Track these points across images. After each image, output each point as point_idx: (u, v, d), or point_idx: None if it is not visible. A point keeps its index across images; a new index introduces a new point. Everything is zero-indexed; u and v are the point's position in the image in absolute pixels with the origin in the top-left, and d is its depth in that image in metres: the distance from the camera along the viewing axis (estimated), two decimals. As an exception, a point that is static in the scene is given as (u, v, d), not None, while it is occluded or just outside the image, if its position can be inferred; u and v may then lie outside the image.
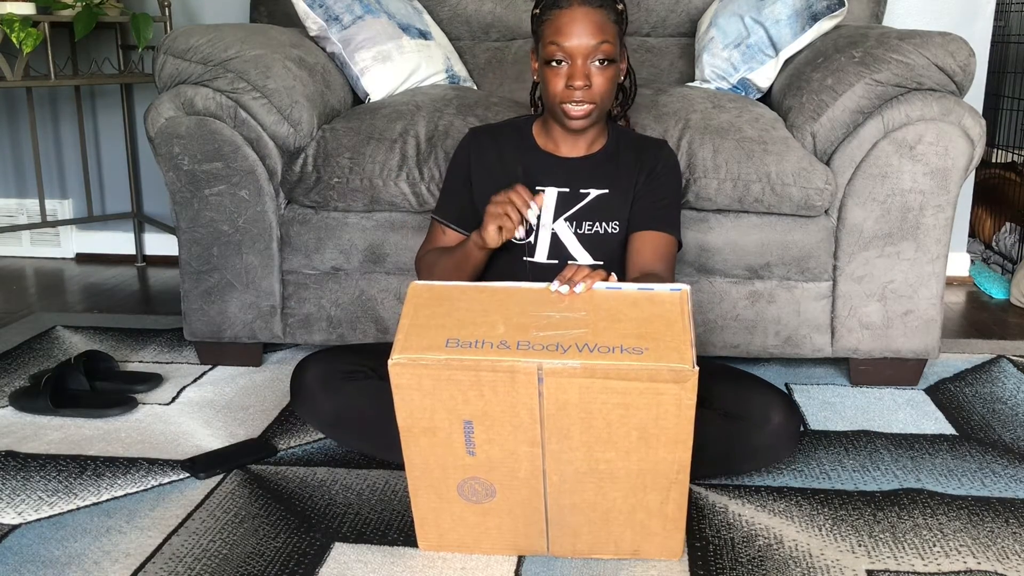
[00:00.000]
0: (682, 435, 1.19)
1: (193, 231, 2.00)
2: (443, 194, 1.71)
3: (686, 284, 1.27)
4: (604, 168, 1.63)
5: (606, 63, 1.51)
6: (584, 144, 1.63)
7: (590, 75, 1.50)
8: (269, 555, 1.35)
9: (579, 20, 1.48)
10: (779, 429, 1.50)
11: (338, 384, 1.57)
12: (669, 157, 1.67)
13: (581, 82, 1.49)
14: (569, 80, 1.50)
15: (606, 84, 1.52)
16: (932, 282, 1.91)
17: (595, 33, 1.49)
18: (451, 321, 1.21)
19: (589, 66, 1.50)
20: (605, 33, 1.50)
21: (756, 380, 1.57)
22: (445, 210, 1.69)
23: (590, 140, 1.63)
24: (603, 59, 1.50)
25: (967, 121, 1.84)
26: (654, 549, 1.32)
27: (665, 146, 1.68)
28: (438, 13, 2.46)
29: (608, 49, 1.50)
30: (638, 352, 1.15)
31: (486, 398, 1.18)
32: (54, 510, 1.48)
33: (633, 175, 1.63)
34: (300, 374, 1.60)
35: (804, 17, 2.07)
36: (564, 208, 1.61)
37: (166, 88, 1.99)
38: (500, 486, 1.28)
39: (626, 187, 1.62)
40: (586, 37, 1.48)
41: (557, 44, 1.49)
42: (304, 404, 1.60)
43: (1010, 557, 1.35)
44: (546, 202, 1.61)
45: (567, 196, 1.61)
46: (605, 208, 1.61)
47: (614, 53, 1.51)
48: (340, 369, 1.58)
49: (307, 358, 1.61)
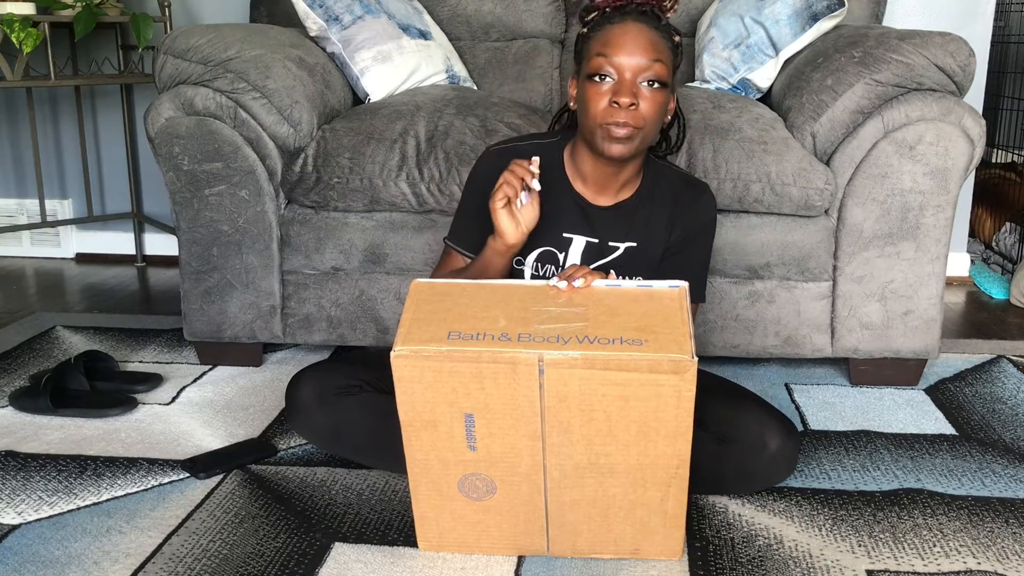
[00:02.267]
0: (681, 428, 1.20)
1: (193, 231, 2.01)
2: (458, 218, 1.56)
3: (684, 281, 1.28)
4: (637, 218, 1.50)
5: (657, 85, 1.36)
6: (616, 185, 1.48)
7: (638, 94, 1.35)
8: (269, 555, 1.35)
9: (632, 34, 1.36)
10: (776, 455, 1.46)
11: (333, 400, 1.54)
12: (708, 210, 1.53)
13: (628, 99, 1.33)
14: (615, 96, 1.35)
15: (654, 110, 1.37)
16: (932, 282, 1.91)
17: (648, 50, 1.35)
18: (453, 315, 1.22)
19: (638, 85, 1.36)
20: (659, 52, 1.36)
21: (753, 400, 1.52)
22: (460, 236, 1.55)
23: (623, 181, 1.48)
24: (654, 80, 1.36)
25: (967, 121, 1.84)
26: (654, 548, 1.32)
27: (706, 192, 1.54)
28: (438, 13, 2.46)
29: (661, 70, 1.36)
30: (638, 344, 1.16)
31: (487, 390, 1.19)
32: (54, 510, 1.48)
33: (667, 227, 1.51)
34: (294, 390, 1.56)
35: (804, 17, 2.07)
36: (591, 260, 1.50)
37: (166, 88, 1.99)
38: (500, 482, 1.28)
39: (658, 240, 1.52)
40: (638, 52, 1.35)
41: (605, 56, 1.36)
42: (299, 421, 1.58)
43: (1010, 557, 1.35)
44: (572, 252, 1.50)
45: (595, 247, 1.51)
46: (632, 263, 1.51)
47: (667, 77, 1.37)
48: (334, 384, 1.55)
49: (299, 374, 1.58)
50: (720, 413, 1.47)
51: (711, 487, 1.51)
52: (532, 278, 1.52)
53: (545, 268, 1.52)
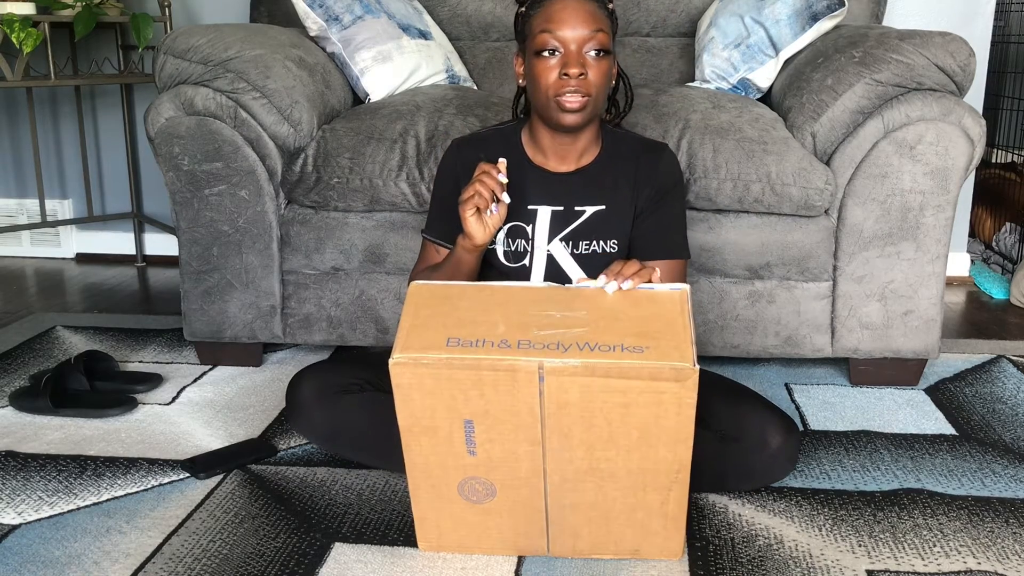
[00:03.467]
0: (683, 434, 1.19)
1: (193, 231, 2.00)
2: (432, 211, 1.62)
3: (685, 284, 1.28)
4: (599, 182, 1.54)
5: (602, 54, 1.42)
6: (575, 154, 1.53)
7: (585, 64, 1.41)
8: (269, 555, 1.35)
9: (572, 7, 1.41)
10: (777, 452, 1.47)
11: (333, 399, 1.55)
12: (671, 166, 1.57)
13: (577, 69, 1.39)
14: (564, 68, 1.40)
15: (601, 77, 1.43)
16: (932, 282, 1.91)
17: (589, 21, 1.41)
18: (452, 320, 1.21)
19: (584, 55, 1.41)
20: (599, 22, 1.42)
21: (754, 398, 1.53)
22: (435, 227, 1.60)
23: (581, 149, 1.53)
24: (599, 50, 1.42)
25: (967, 121, 1.84)
26: (654, 549, 1.32)
27: (665, 151, 1.57)
28: (438, 13, 2.46)
29: (604, 39, 1.42)
30: (639, 351, 1.15)
31: (487, 397, 1.18)
32: (54, 510, 1.48)
33: (632, 188, 1.54)
34: (294, 390, 1.58)
35: (804, 17, 2.07)
36: (559, 228, 1.53)
37: (166, 88, 1.99)
38: (501, 486, 1.28)
39: (625, 202, 1.54)
40: (580, 25, 1.41)
41: (550, 32, 1.41)
42: (299, 420, 1.59)
43: (1010, 557, 1.35)
44: (539, 222, 1.54)
45: (561, 215, 1.53)
46: (603, 226, 1.53)
47: (609, 44, 1.44)
48: (335, 383, 1.56)
49: (300, 373, 1.59)
50: (721, 411, 1.48)
51: (712, 484, 1.51)
52: (504, 254, 1.55)
53: (516, 243, 1.54)
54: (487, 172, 1.40)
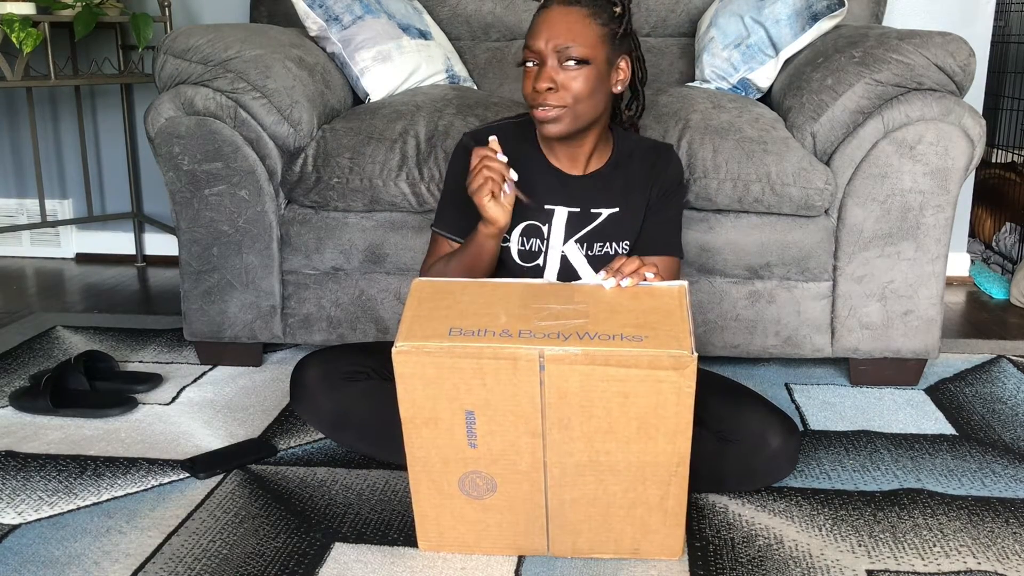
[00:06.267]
0: (681, 425, 1.20)
1: (193, 231, 2.01)
2: (443, 204, 1.61)
3: (684, 281, 1.29)
4: (614, 185, 1.55)
5: (579, 64, 1.40)
6: (583, 157, 1.53)
7: (556, 77, 1.40)
8: (269, 555, 1.35)
9: (550, 20, 1.40)
10: (777, 453, 1.47)
11: (339, 384, 1.55)
12: (677, 167, 1.61)
13: (544, 83, 1.39)
14: (534, 82, 1.41)
15: (582, 87, 1.41)
16: (932, 282, 1.91)
17: (563, 33, 1.39)
18: (454, 313, 1.23)
19: (558, 68, 1.40)
20: (575, 33, 1.39)
21: (754, 398, 1.52)
22: (446, 221, 1.59)
23: (588, 151, 1.53)
24: (576, 59, 1.39)
25: (967, 121, 1.84)
26: (654, 547, 1.32)
27: (672, 152, 1.61)
28: (438, 13, 2.46)
29: (580, 50, 1.39)
30: (638, 340, 1.17)
31: (488, 386, 1.19)
32: (54, 510, 1.48)
33: (645, 190, 1.56)
34: (300, 374, 1.58)
35: (804, 17, 2.07)
36: (574, 229, 1.54)
37: (166, 88, 1.99)
38: (501, 480, 1.28)
39: (637, 204, 1.56)
40: (553, 37, 1.39)
41: (527, 43, 1.42)
42: (304, 404, 1.59)
43: (1010, 557, 1.35)
44: (556, 223, 1.54)
45: (577, 216, 1.54)
46: (617, 228, 1.55)
47: (589, 54, 1.40)
48: (341, 369, 1.56)
49: (307, 358, 1.60)
50: (721, 411, 1.48)
51: (712, 485, 1.51)
52: (518, 253, 1.56)
53: (531, 242, 1.55)
54: (487, 156, 1.41)
